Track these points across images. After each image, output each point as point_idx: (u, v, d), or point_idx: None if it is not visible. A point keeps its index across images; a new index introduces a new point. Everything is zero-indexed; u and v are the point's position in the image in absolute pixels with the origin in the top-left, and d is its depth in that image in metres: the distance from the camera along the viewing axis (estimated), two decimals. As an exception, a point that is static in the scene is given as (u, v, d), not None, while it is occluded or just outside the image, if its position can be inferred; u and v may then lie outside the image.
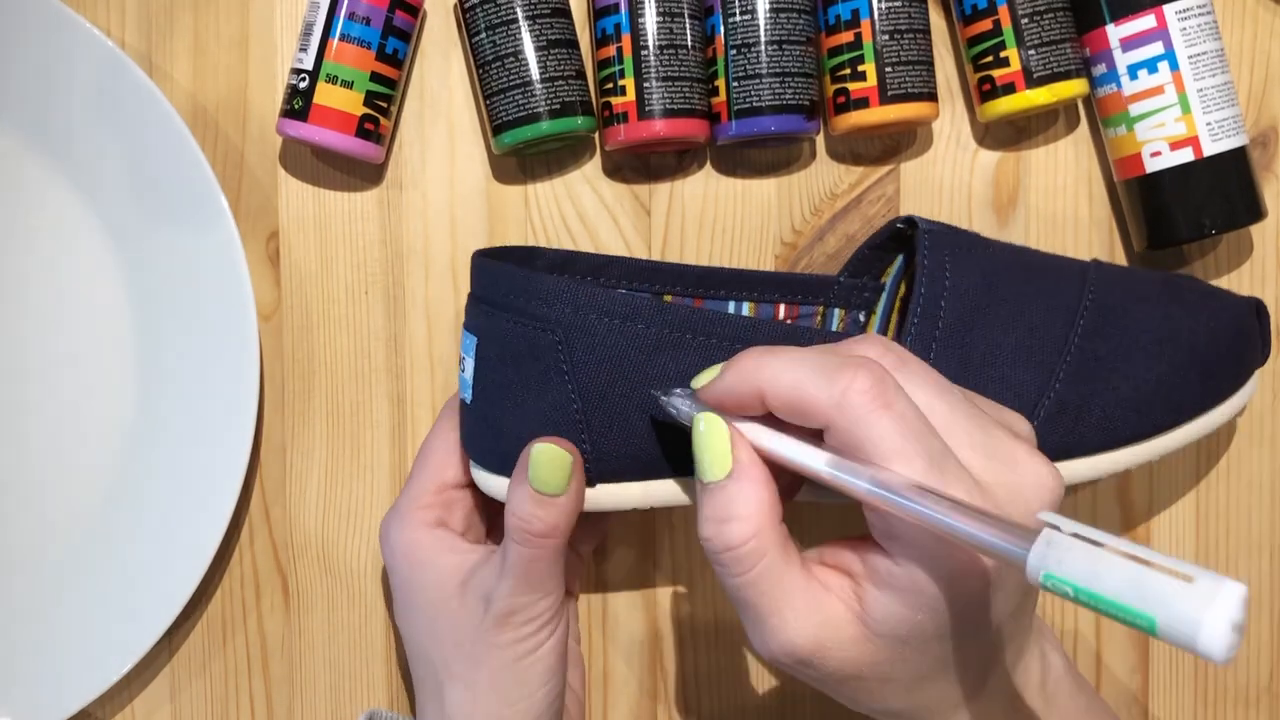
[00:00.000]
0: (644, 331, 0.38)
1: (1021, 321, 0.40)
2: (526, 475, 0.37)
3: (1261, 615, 0.49)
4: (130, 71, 0.45)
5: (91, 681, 0.46)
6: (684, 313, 0.38)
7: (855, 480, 0.31)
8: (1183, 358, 0.41)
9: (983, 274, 0.41)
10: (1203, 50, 0.44)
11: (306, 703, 0.49)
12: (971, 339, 0.40)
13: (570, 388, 0.38)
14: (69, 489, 0.48)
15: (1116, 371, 0.40)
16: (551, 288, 0.38)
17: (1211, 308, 0.42)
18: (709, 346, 0.38)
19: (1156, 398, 0.41)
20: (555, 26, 0.44)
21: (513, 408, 0.39)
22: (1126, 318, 0.41)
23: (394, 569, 0.42)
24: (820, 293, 0.45)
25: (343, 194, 0.48)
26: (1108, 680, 0.49)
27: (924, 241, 0.41)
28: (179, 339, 0.47)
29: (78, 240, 0.47)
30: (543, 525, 0.37)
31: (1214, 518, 0.49)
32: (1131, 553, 0.26)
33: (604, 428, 0.38)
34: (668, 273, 0.43)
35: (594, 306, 0.38)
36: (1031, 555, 0.27)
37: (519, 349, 0.38)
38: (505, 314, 0.39)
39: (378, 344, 0.48)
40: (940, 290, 0.40)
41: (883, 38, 0.44)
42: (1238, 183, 0.45)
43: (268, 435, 0.48)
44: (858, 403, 0.31)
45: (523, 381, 0.38)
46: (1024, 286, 0.41)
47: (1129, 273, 0.43)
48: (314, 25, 0.44)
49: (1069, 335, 0.40)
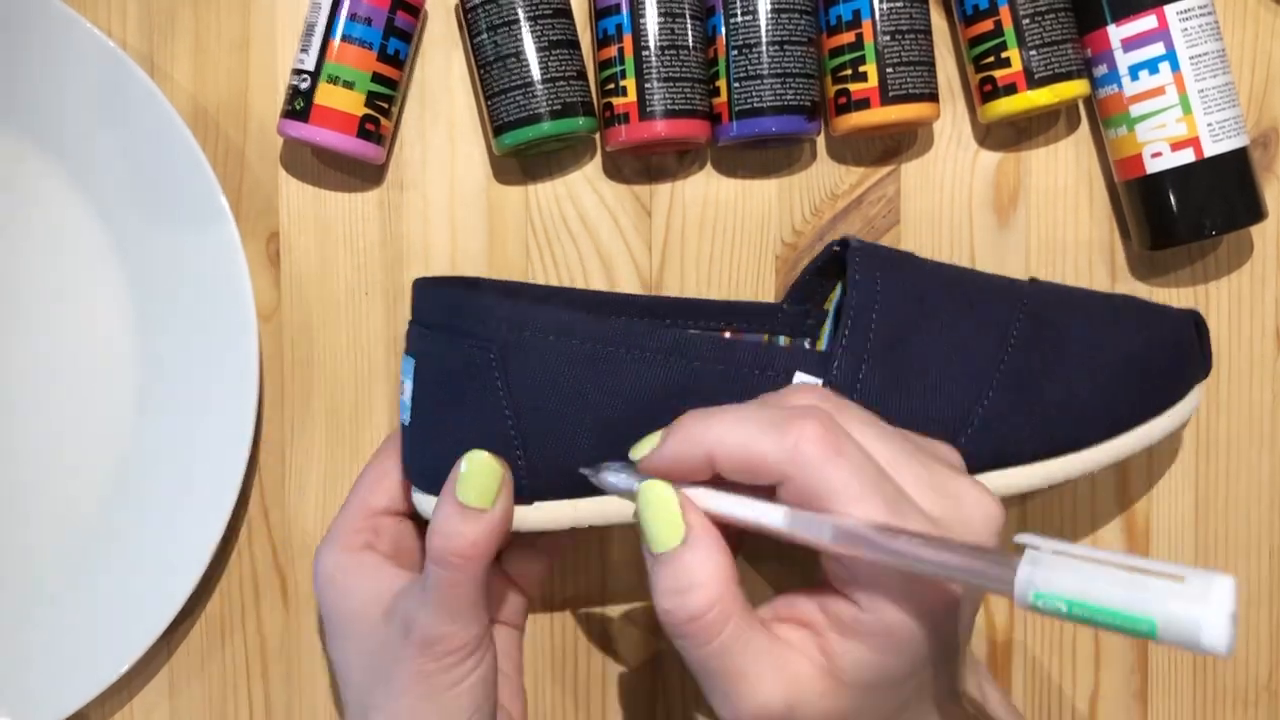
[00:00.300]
0: (578, 347, 0.37)
1: (954, 334, 0.40)
2: (454, 489, 0.36)
3: (1261, 615, 0.49)
4: (131, 72, 0.45)
5: (90, 681, 0.46)
6: (619, 327, 0.37)
7: (818, 531, 0.31)
8: (1119, 368, 0.41)
9: (914, 287, 0.40)
10: (1204, 51, 0.44)
11: (306, 703, 0.49)
12: (903, 352, 0.39)
13: (505, 405, 0.38)
14: (69, 489, 0.48)
15: (1051, 381, 0.40)
16: (487, 306, 0.38)
17: (1149, 321, 0.42)
18: (644, 360, 0.38)
19: (1093, 407, 0.40)
20: (556, 27, 0.44)
21: (449, 427, 0.38)
22: (1061, 330, 0.41)
23: (320, 595, 0.41)
24: (765, 320, 0.45)
25: (343, 195, 0.48)
26: (1107, 680, 0.49)
27: (854, 259, 0.40)
28: (179, 339, 0.47)
29: (78, 240, 0.47)
30: (464, 543, 0.36)
31: (1214, 518, 0.49)
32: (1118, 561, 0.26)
33: (539, 445, 0.38)
34: (612, 303, 0.43)
35: (528, 323, 0.37)
36: (1019, 577, 0.27)
37: (454, 368, 0.38)
38: (442, 334, 0.38)
39: (378, 344, 0.48)
40: (871, 302, 0.39)
41: (884, 38, 0.44)
42: (1238, 183, 0.45)
43: (268, 435, 0.48)
44: (811, 452, 0.31)
45: (458, 400, 0.38)
46: (957, 300, 0.40)
47: (1065, 290, 0.43)
48: (315, 26, 0.44)
49: (1002, 346, 0.40)
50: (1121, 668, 0.49)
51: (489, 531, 0.36)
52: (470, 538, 0.36)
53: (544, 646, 0.49)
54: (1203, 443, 0.49)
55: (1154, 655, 0.49)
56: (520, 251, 0.48)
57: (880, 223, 0.48)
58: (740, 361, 0.38)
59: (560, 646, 0.49)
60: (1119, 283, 0.48)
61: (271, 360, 0.48)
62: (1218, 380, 0.49)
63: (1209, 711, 0.49)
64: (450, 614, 0.37)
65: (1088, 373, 0.40)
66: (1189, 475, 0.49)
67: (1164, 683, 0.49)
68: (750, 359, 0.38)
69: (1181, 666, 0.49)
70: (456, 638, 0.37)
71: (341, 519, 0.42)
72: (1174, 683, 0.49)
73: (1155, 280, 0.48)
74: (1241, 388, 0.49)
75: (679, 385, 0.38)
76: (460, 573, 0.36)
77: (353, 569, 0.40)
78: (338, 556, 0.41)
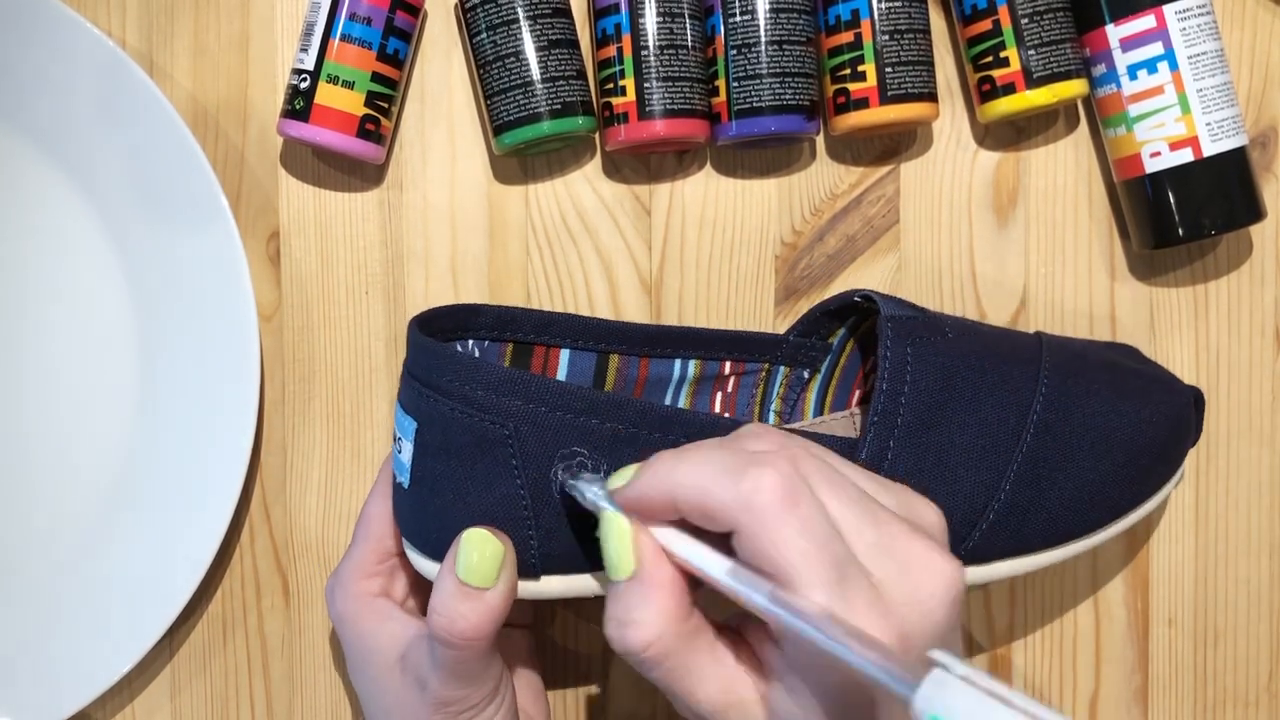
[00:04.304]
0: (599, 427, 0.36)
1: (977, 417, 0.39)
2: (454, 567, 0.36)
3: (1261, 615, 0.49)
4: (131, 72, 0.45)
5: (91, 681, 0.46)
6: (641, 407, 0.37)
7: (752, 594, 0.31)
8: (1122, 457, 0.41)
9: (942, 370, 0.40)
10: (1202, 50, 0.44)
11: (306, 703, 0.49)
12: (927, 440, 0.39)
13: (519, 483, 0.37)
14: (69, 489, 0.48)
15: (1062, 472, 0.40)
16: (501, 376, 0.36)
17: (1153, 402, 0.42)
18: (667, 443, 0.36)
19: (1097, 498, 0.41)
20: (556, 26, 0.44)
21: (456, 499, 0.37)
22: (1075, 414, 0.41)
23: (340, 634, 0.41)
24: (767, 351, 0.45)
25: (343, 194, 0.48)
26: (1107, 680, 0.49)
27: (885, 330, 0.40)
28: (179, 339, 0.47)
29: (78, 240, 0.47)
30: (466, 625, 0.35)
31: (1214, 518, 0.49)
32: (1019, 703, 0.27)
33: (553, 524, 0.37)
34: (613, 331, 0.43)
35: (545, 399, 0.36)
36: (918, 696, 0.28)
37: (464, 440, 0.37)
38: (449, 400, 0.37)
39: (378, 344, 0.48)
40: (900, 386, 0.39)
41: (883, 38, 0.44)
42: (1237, 183, 0.45)
43: (268, 435, 0.48)
44: (763, 503, 0.31)
45: (468, 474, 0.37)
46: (981, 379, 0.40)
47: (1077, 359, 0.43)
48: (315, 25, 0.44)
49: (1022, 432, 0.40)
50: (1122, 667, 0.49)
51: (490, 612, 0.36)
52: (472, 620, 0.36)
53: (544, 646, 0.49)
54: (1203, 443, 0.49)
55: (1154, 655, 0.49)
56: (520, 251, 0.48)
57: (880, 222, 0.48)
58: None
59: (561, 645, 0.49)
60: (1118, 282, 0.48)
61: (271, 360, 0.48)
62: (1218, 380, 0.49)
63: (1209, 712, 0.49)
64: (461, 681, 0.37)
65: (1096, 464, 0.41)
66: (1189, 476, 0.49)
67: (1164, 683, 0.49)
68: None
69: (1182, 667, 0.49)
70: (471, 698, 0.37)
71: (355, 558, 0.41)
72: (1174, 683, 0.49)
73: (1155, 280, 0.48)
74: (1241, 388, 0.49)
75: None
76: (465, 651, 0.36)
77: (366, 614, 0.40)
78: (350, 602, 0.41)
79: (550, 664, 0.49)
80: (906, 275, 0.48)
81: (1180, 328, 0.49)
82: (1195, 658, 0.49)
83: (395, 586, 0.42)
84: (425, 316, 0.40)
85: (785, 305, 0.48)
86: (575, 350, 0.43)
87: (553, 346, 0.42)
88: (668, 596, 0.33)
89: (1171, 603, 0.49)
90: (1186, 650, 0.49)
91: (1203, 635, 0.49)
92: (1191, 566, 0.49)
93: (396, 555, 0.42)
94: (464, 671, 0.37)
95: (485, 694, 0.38)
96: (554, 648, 0.49)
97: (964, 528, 0.39)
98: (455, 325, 0.41)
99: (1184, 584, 0.49)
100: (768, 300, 0.48)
